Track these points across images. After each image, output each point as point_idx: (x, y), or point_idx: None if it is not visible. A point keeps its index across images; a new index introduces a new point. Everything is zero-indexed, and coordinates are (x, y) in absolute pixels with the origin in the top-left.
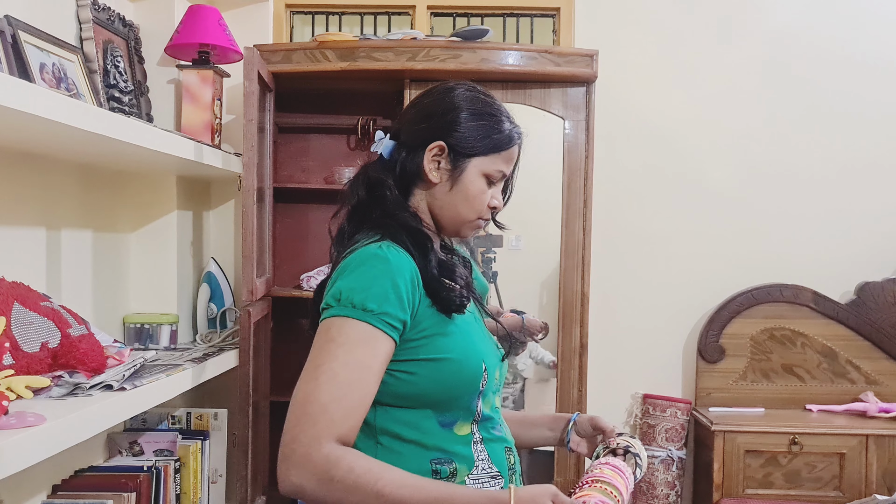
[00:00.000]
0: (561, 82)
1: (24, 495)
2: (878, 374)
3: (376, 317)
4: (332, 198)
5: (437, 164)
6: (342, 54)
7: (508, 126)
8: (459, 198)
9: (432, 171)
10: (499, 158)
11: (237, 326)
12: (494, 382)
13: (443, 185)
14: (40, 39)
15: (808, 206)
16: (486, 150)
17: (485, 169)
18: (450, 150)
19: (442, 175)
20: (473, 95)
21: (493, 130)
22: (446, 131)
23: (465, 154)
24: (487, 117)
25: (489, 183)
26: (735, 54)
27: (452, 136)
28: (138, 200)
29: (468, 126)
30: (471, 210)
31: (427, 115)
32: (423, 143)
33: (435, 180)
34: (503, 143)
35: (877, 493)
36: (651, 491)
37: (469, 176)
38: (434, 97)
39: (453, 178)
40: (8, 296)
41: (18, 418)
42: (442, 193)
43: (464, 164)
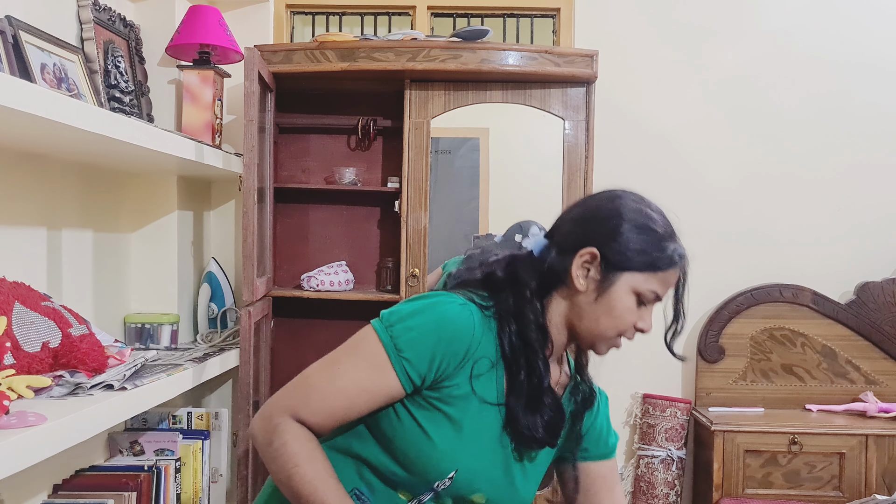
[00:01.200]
0: (561, 82)
1: (25, 495)
2: (878, 373)
3: (400, 359)
4: (333, 198)
5: (586, 272)
6: (342, 54)
7: (672, 246)
8: (602, 311)
9: (579, 278)
10: (654, 279)
11: (238, 326)
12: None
13: (588, 294)
14: (41, 40)
15: (808, 206)
16: (641, 266)
17: (637, 286)
18: (602, 259)
19: (589, 284)
20: (639, 207)
21: (653, 247)
22: (603, 238)
23: (618, 266)
24: (650, 232)
25: (639, 302)
26: (735, 55)
27: (608, 244)
28: (139, 200)
29: (628, 237)
30: (612, 326)
31: (586, 219)
32: (575, 246)
33: (581, 288)
34: (662, 263)
35: (876, 493)
36: (651, 491)
37: (618, 290)
38: (598, 201)
39: (600, 290)
40: (9, 296)
41: (19, 418)
42: (585, 303)
43: (615, 276)
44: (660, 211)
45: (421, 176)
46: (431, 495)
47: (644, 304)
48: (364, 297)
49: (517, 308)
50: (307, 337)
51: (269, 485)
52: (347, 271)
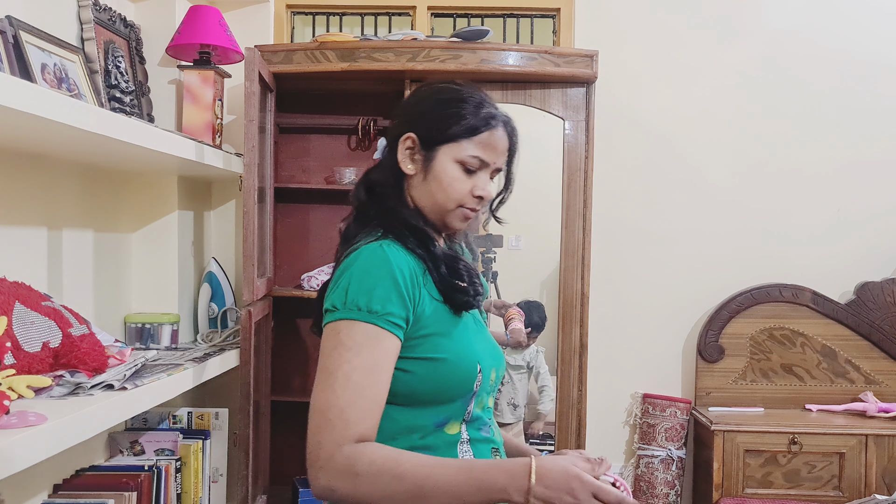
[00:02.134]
0: (561, 83)
1: (26, 494)
2: (878, 373)
3: (382, 318)
4: (333, 198)
5: (410, 157)
6: (343, 55)
7: (480, 111)
8: (434, 187)
9: (406, 164)
10: (470, 144)
11: (238, 326)
12: (489, 383)
13: (418, 175)
14: (42, 40)
15: (807, 206)
16: (453, 135)
17: (456, 156)
18: (419, 140)
19: (416, 167)
20: (445, 86)
21: (459, 116)
22: (415, 121)
23: (433, 142)
24: (454, 103)
25: (466, 171)
26: (735, 54)
27: (419, 125)
28: (139, 200)
29: (434, 113)
30: (447, 198)
31: (401, 110)
32: (397, 137)
33: (409, 172)
34: (473, 129)
35: (876, 492)
36: (651, 490)
37: (440, 163)
38: (413, 94)
39: (426, 168)
40: (9, 295)
41: (20, 418)
42: (418, 184)
43: (434, 152)
44: (469, 85)
45: None
46: (473, 402)
47: (472, 172)
48: None
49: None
50: (307, 337)
51: None
52: None
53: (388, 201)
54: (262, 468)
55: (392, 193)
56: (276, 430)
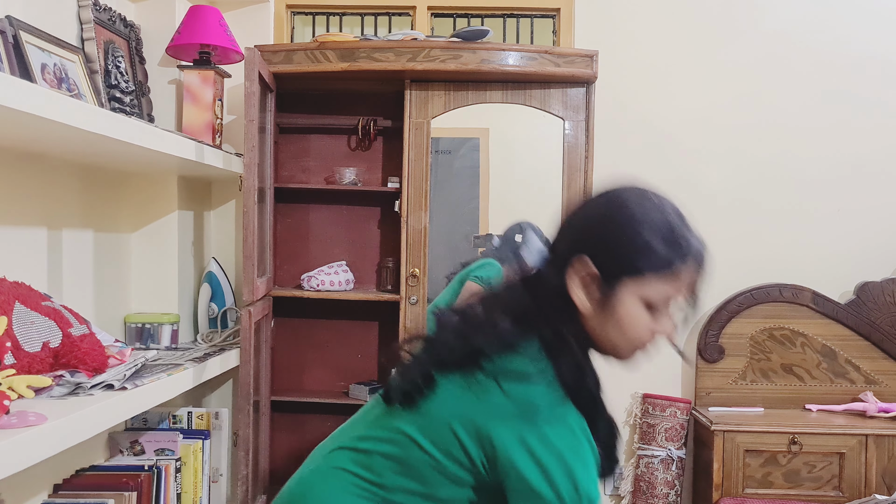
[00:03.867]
0: (561, 83)
1: (26, 494)
2: (878, 373)
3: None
4: (333, 198)
5: (584, 288)
6: (343, 55)
7: (679, 241)
8: (611, 326)
9: (579, 296)
10: (661, 281)
11: (238, 326)
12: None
13: (595, 313)
14: (41, 40)
15: (807, 206)
16: (643, 270)
17: (643, 293)
18: (598, 271)
19: (591, 300)
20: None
21: (655, 246)
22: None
23: (616, 276)
24: (649, 231)
25: (650, 308)
26: (735, 54)
27: (602, 252)
28: (139, 200)
29: (622, 241)
30: (626, 340)
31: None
32: (568, 259)
33: (583, 308)
34: (668, 263)
35: (876, 492)
36: (651, 490)
37: (623, 302)
38: (592, 203)
39: (603, 304)
40: (9, 295)
41: (20, 418)
42: (591, 319)
43: (616, 288)
44: (665, 202)
45: (421, 176)
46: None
47: (659, 310)
48: (364, 296)
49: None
50: (307, 337)
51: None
52: (347, 271)
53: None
54: (261, 468)
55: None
56: (276, 430)
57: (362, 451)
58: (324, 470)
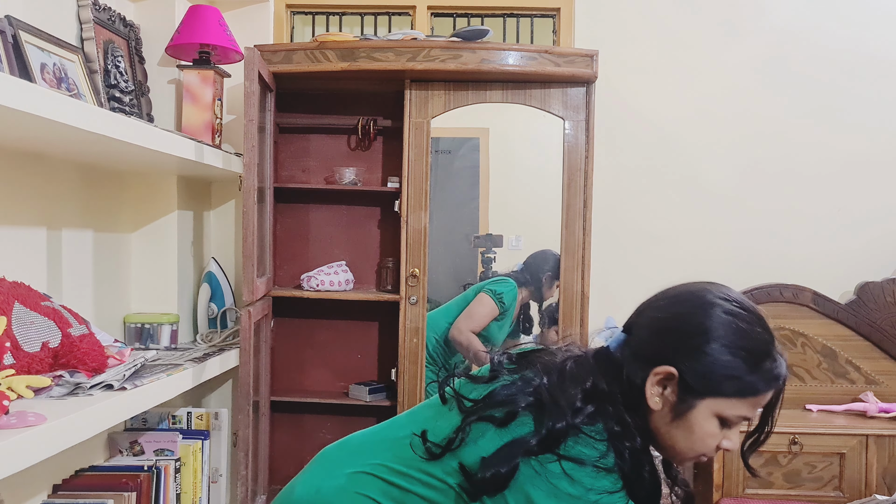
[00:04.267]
0: (561, 82)
1: (25, 495)
2: (878, 373)
3: None
4: (333, 198)
5: (661, 390)
6: (342, 54)
7: (767, 367)
8: (679, 433)
9: (654, 397)
10: (743, 404)
11: (237, 326)
12: None
13: (663, 413)
14: (41, 39)
15: (807, 206)
16: (728, 392)
17: (721, 411)
18: (681, 381)
19: (664, 403)
20: (731, 321)
21: (744, 372)
22: (684, 357)
23: (699, 392)
24: (741, 354)
25: (723, 424)
26: (735, 54)
27: (690, 365)
28: (139, 200)
29: (714, 360)
30: (690, 449)
31: (667, 329)
32: (652, 359)
33: (654, 407)
34: (753, 389)
35: (877, 493)
36: None
37: (698, 415)
38: (684, 306)
39: (677, 412)
40: (9, 295)
41: (19, 418)
42: (660, 420)
43: (695, 401)
44: (757, 319)
45: (421, 176)
46: None
47: (729, 427)
48: (364, 297)
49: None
50: (307, 337)
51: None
52: (347, 271)
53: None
54: (261, 468)
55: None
56: (276, 430)
57: (397, 486)
58: (349, 492)
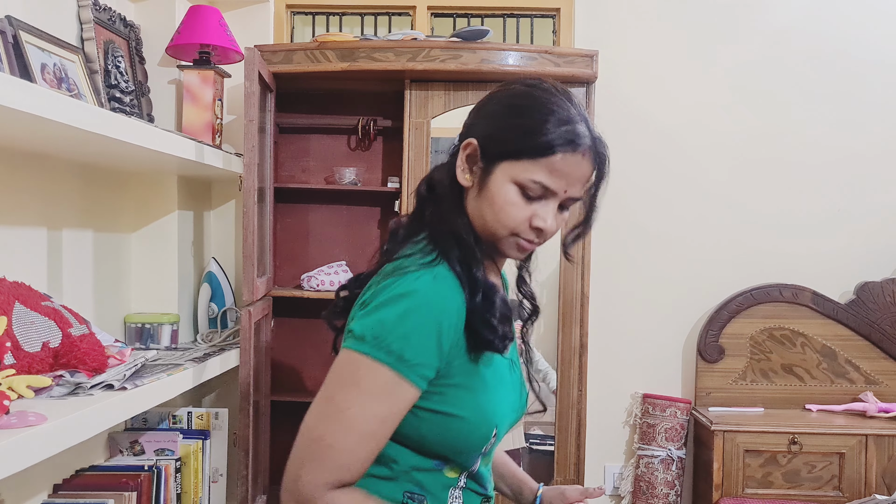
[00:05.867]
0: (561, 82)
1: (26, 494)
2: (878, 373)
3: (411, 368)
4: (333, 198)
5: (468, 165)
6: (342, 54)
7: (558, 128)
8: (486, 206)
9: (463, 173)
10: (535, 166)
11: (238, 326)
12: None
13: (473, 189)
14: (41, 40)
15: (807, 206)
16: (515, 152)
17: (515, 176)
18: (480, 149)
19: (472, 178)
20: (524, 90)
21: (531, 129)
22: (482, 127)
23: (493, 155)
24: (528, 113)
25: (525, 195)
26: (735, 54)
27: (485, 132)
28: (139, 200)
29: (501, 120)
30: (497, 223)
31: (474, 110)
32: (462, 138)
33: (464, 183)
34: (543, 147)
35: (876, 492)
36: (651, 490)
37: (495, 181)
38: (500, 88)
39: (481, 183)
40: (9, 295)
41: (19, 418)
42: (472, 198)
43: (491, 166)
44: (560, 91)
45: (421, 176)
46: (480, 460)
47: (532, 198)
48: None
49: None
50: (307, 337)
51: None
52: (347, 271)
53: (443, 206)
54: (261, 468)
55: (449, 199)
56: (276, 430)
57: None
58: None
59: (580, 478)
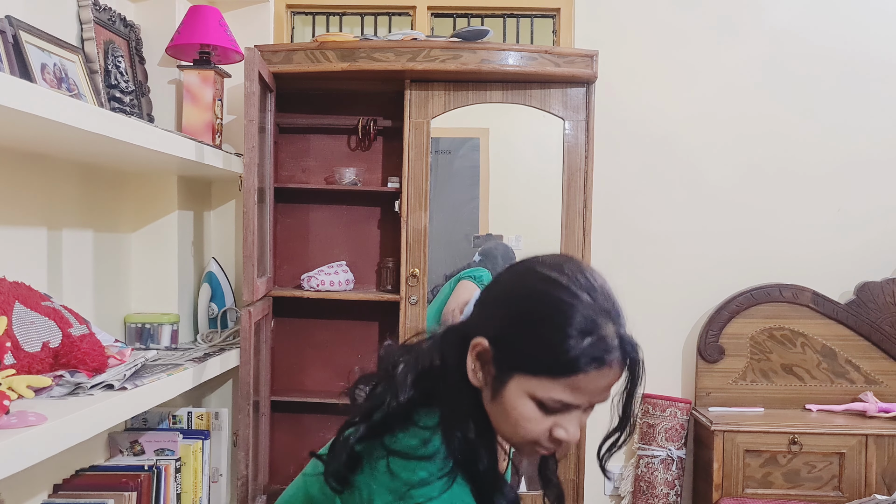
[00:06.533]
0: (561, 83)
1: (26, 494)
2: (878, 373)
3: None
4: (333, 198)
5: (479, 366)
6: (343, 55)
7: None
8: (500, 414)
9: (475, 373)
10: (555, 385)
11: (238, 326)
12: None
13: (486, 391)
14: (41, 40)
15: (807, 206)
16: (534, 369)
17: (532, 392)
18: (493, 354)
19: (485, 380)
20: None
21: (549, 346)
22: (496, 328)
23: (505, 365)
24: (547, 324)
25: (543, 409)
26: (735, 54)
27: (500, 336)
28: (139, 200)
29: (515, 330)
30: (515, 435)
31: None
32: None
33: (476, 384)
34: (566, 368)
35: (876, 492)
36: (651, 490)
37: (510, 394)
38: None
39: (494, 390)
40: (9, 295)
41: (20, 418)
42: (487, 401)
43: (506, 376)
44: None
45: (421, 176)
46: None
47: (554, 412)
48: (364, 296)
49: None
50: (307, 337)
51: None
52: (347, 271)
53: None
54: (261, 468)
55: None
56: (276, 430)
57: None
58: (299, 495)
59: (580, 478)
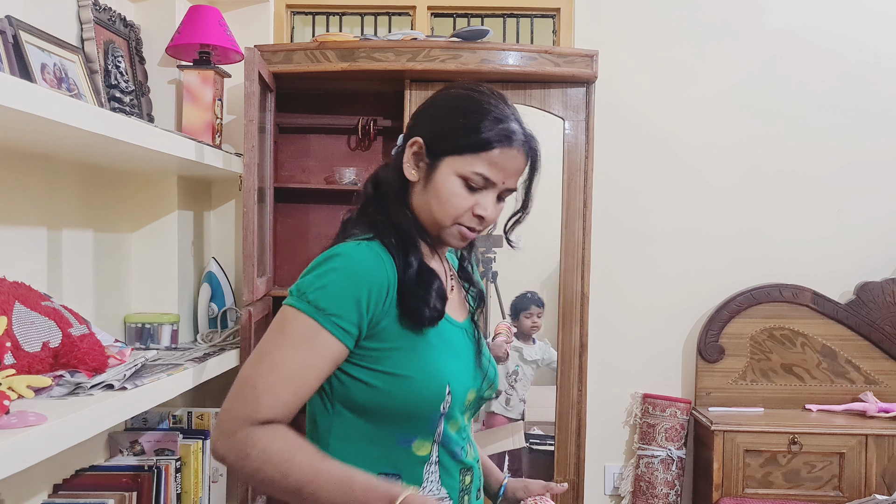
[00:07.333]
0: (561, 82)
1: (26, 494)
2: (878, 373)
3: (326, 317)
4: (333, 198)
5: (415, 162)
6: (343, 54)
7: (496, 125)
8: (432, 199)
9: (410, 169)
10: (477, 160)
11: (238, 326)
12: (464, 404)
13: (419, 183)
14: (41, 40)
15: (807, 206)
16: (459, 148)
17: (459, 170)
18: (426, 147)
19: (419, 174)
20: (465, 92)
21: (470, 128)
22: (427, 126)
23: (438, 151)
24: (469, 113)
25: (468, 187)
26: (735, 54)
27: (430, 131)
28: (139, 200)
29: (445, 121)
30: (443, 213)
31: (418, 111)
32: (408, 138)
33: (411, 178)
34: (483, 144)
35: (876, 492)
36: (651, 490)
37: (441, 175)
38: (438, 94)
39: (427, 177)
40: (9, 295)
41: (20, 418)
42: (418, 192)
43: (437, 161)
44: (493, 95)
45: None
46: (442, 424)
47: (475, 189)
48: None
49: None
50: None
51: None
52: None
53: (388, 202)
54: None
55: (394, 195)
56: None
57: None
58: None
59: (580, 478)
